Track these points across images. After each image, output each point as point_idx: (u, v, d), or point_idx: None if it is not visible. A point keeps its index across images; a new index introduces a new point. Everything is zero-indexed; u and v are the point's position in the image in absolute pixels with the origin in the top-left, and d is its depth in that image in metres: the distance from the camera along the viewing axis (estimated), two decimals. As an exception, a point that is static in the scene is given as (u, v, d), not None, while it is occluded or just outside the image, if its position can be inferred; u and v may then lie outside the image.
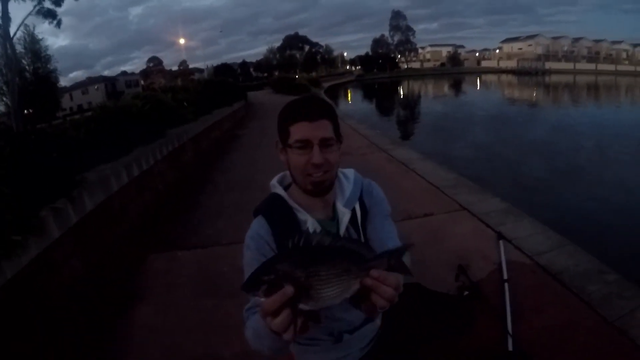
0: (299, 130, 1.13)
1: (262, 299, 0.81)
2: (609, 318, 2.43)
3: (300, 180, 1.19)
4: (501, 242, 3.40)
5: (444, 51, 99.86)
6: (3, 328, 2.18)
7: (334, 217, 1.25)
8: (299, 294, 0.79)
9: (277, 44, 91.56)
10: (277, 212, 1.24)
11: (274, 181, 1.32)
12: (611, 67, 63.53)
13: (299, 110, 1.16)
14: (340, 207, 1.26)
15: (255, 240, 1.20)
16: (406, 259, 0.89)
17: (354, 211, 1.28)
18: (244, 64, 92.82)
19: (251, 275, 0.84)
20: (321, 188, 1.19)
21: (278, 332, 0.80)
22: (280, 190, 1.27)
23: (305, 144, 1.13)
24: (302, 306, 0.80)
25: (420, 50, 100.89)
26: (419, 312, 1.44)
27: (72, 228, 2.98)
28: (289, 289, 0.78)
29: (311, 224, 1.20)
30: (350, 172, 1.36)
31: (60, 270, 2.81)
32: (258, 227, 1.23)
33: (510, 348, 2.23)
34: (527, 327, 2.41)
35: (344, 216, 1.24)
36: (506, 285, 2.77)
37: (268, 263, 0.86)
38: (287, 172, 1.28)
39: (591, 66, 67.08)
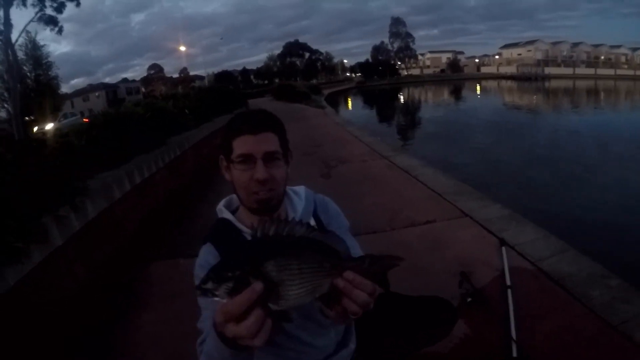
0: (241, 144, 1.06)
1: (223, 301, 0.71)
2: (612, 323, 2.42)
3: (245, 198, 1.11)
4: (504, 248, 3.39)
5: (444, 57, 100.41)
6: (5, 334, 2.18)
7: None
8: (268, 292, 0.70)
9: (278, 51, 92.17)
10: (225, 237, 1.16)
11: (221, 205, 1.25)
12: (610, 72, 63.80)
13: (242, 124, 1.09)
14: None
15: (205, 269, 1.02)
16: None
17: None
18: (245, 71, 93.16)
19: (210, 273, 0.73)
20: (267, 206, 1.09)
21: (246, 337, 0.70)
22: (227, 214, 1.21)
23: (247, 159, 1.05)
24: (270, 305, 0.71)
25: (420, 57, 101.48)
26: (396, 324, 1.35)
27: (75, 235, 2.99)
28: (258, 285, 0.68)
29: None
30: (300, 189, 1.28)
31: (63, 277, 2.81)
32: (206, 254, 1.16)
33: (514, 354, 2.22)
34: (530, 333, 2.41)
35: None
36: (509, 291, 2.76)
37: (231, 256, 0.76)
38: (234, 196, 1.21)
39: (590, 71, 67.37)
